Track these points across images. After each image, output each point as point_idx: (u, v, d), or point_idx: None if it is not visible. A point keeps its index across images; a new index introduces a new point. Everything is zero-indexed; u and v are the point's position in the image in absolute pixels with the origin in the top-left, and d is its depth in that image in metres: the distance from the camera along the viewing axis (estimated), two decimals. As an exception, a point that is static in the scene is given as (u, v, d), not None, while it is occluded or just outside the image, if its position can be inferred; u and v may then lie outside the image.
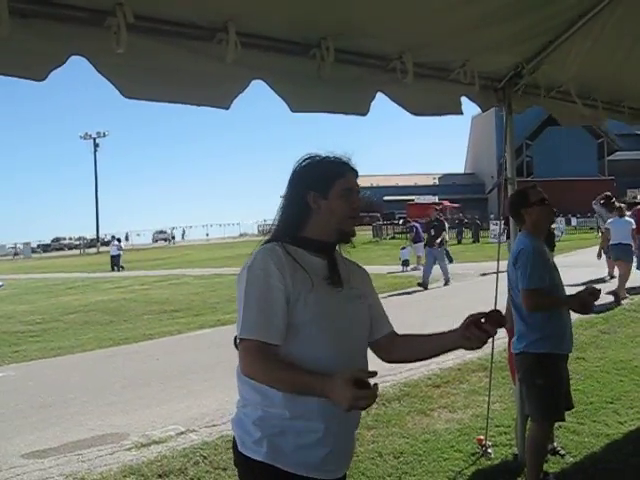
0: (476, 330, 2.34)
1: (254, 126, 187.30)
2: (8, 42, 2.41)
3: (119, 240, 41.38)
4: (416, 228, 24.33)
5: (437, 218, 19.28)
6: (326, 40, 3.41)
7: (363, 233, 43.60)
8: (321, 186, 2.43)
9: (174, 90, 3.06)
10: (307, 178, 2.46)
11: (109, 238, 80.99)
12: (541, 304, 4.29)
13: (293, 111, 3.45)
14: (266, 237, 2.49)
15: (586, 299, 4.21)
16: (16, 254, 73.44)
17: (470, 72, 4.33)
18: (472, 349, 2.41)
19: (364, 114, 3.90)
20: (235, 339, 2.62)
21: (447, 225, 23.83)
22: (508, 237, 9.11)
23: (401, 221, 29.34)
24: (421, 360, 2.72)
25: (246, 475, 2.42)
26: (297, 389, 2.19)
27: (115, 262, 37.67)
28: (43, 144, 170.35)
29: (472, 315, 2.38)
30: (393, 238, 47.32)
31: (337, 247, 2.53)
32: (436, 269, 18.25)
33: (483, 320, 2.37)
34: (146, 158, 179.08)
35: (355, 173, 2.52)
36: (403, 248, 25.14)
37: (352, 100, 3.84)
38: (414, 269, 23.50)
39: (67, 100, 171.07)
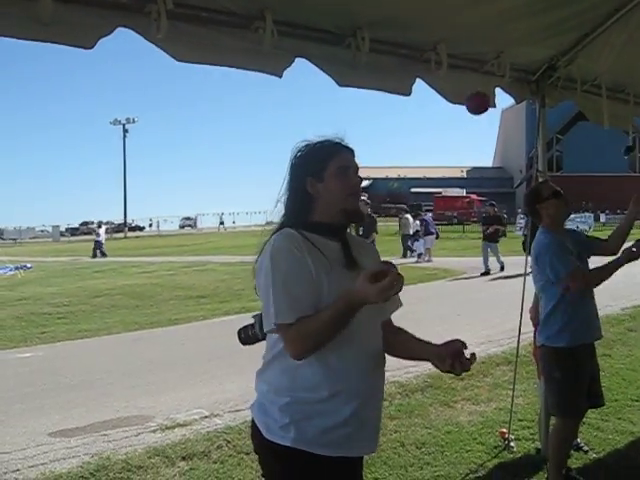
0: (456, 360, 2.23)
1: (286, 111, 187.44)
2: (58, 14, 2.47)
3: (99, 226, 40.17)
4: (426, 222, 25.06)
5: (368, 214, 16.86)
6: (362, 30, 3.44)
7: (389, 224, 43.41)
8: (316, 170, 2.45)
9: (226, 57, 3.13)
10: (302, 166, 2.49)
11: (137, 223, 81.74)
12: (588, 279, 4.27)
13: (340, 85, 3.50)
14: (275, 226, 2.51)
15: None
16: (14, 239, 71.95)
17: (504, 64, 4.32)
18: (439, 369, 2.32)
19: (407, 94, 3.93)
20: (239, 332, 2.66)
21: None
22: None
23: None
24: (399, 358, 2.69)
25: (270, 461, 2.45)
26: (340, 321, 2.21)
27: (97, 248, 36.78)
28: (75, 127, 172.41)
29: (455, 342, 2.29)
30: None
31: (348, 229, 2.55)
32: (464, 262, 18.21)
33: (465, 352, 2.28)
34: (173, 144, 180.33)
35: (350, 151, 2.53)
36: (416, 240, 25.41)
37: (393, 82, 3.86)
38: (428, 261, 23.78)
39: (97, 82, 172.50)
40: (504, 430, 5.44)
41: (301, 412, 2.32)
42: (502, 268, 18.93)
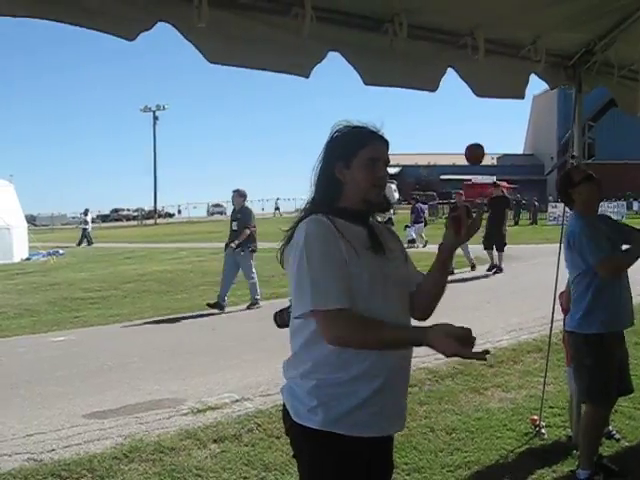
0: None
1: (321, 100, 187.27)
2: (102, 6, 2.53)
3: (86, 213, 38.62)
4: (417, 209, 25.16)
5: (244, 207, 14.35)
6: (399, 16, 3.43)
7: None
8: (345, 156, 2.45)
9: (256, 57, 3.15)
10: (334, 150, 2.49)
11: (167, 210, 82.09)
12: (618, 265, 4.26)
13: (366, 84, 3.50)
14: (302, 211, 2.51)
15: None
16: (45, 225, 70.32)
17: (541, 49, 4.27)
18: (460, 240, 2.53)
19: (433, 90, 3.91)
20: (275, 316, 2.66)
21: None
22: None
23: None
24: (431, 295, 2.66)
25: (299, 443, 2.49)
26: (396, 343, 2.30)
27: (84, 235, 36.58)
28: (105, 113, 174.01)
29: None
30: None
31: (370, 215, 2.57)
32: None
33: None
34: (205, 131, 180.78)
35: (383, 142, 2.51)
36: (407, 227, 25.43)
37: (423, 75, 3.85)
38: (424, 246, 23.82)
39: (130, 70, 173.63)
40: (535, 417, 5.43)
41: (327, 394, 2.34)
42: (473, 267, 17.56)
